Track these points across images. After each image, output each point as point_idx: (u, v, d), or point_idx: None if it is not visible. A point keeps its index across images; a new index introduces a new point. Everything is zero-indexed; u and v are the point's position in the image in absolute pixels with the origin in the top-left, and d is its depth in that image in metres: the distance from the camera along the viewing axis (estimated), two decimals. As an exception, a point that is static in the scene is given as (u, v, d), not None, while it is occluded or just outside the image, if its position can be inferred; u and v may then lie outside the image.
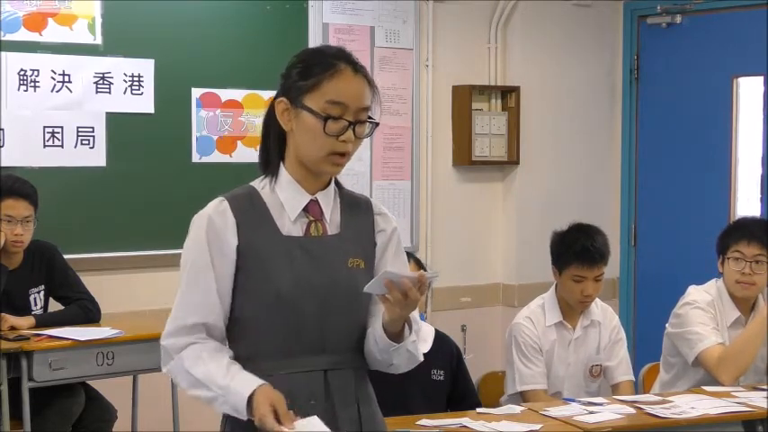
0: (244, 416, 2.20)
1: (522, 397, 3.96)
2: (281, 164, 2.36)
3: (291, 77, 2.32)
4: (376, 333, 2.32)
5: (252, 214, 2.31)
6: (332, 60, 2.30)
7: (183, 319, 2.30)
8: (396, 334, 2.30)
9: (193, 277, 2.30)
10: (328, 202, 2.38)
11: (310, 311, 2.29)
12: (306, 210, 2.34)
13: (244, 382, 2.22)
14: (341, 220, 2.38)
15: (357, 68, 2.32)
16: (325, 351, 2.31)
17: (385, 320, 2.28)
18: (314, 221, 2.34)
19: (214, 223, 2.29)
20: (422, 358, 2.41)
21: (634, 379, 4.19)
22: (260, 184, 2.37)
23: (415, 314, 2.37)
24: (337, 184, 2.43)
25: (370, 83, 2.34)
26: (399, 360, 2.35)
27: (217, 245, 2.29)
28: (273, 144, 2.36)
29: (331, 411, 2.30)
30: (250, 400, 2.18)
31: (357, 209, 2.42)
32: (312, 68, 2.30)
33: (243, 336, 2.32)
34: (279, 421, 2.14)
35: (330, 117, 2.26)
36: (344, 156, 2.30)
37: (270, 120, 2.38)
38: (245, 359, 2.30)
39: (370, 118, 2.33)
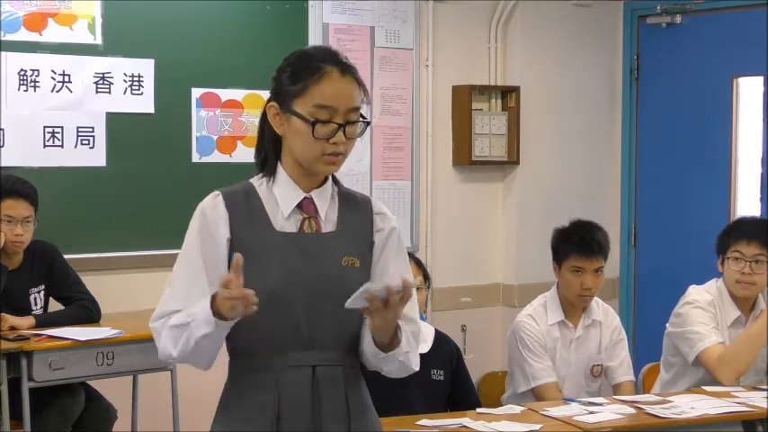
0: (212, 324, 2.19)
1: (533, 393, 3.96)
2: (278, 162, 2.37)
3: (281, 82, 2.34)
4: (367, 339, 2.32)
5: (246, 209, 2.34)
6: (318, 63, 2.30)
7: (168, 305, 2.33)
8: (386, 343, 2.30)
9: (181, 268, 2.35)
10: (324, 200, 2.38)
11: (300, 307, 2.30)
12: (300, 207, 2.35)
13: (201, 305, 2.23)
14: (338, 219, 2.39)
15: (344, 69, 2.32)
16: (313, 347, 2.31)
17: (371, 329, 2.29)
18: (308, 218, 2.35)
19: (206, 216, 2.33)
20: (416, 368, 2.40)
21: (635, 379, 4.20)
22: (258, 182, 2.39)
23: (417, 317, 2.36)
24: (336, 182, 2.43)
25: (359, 82, 2.34)
26: (390, 368, 2.36)
27: (208, 237, 2.32)
28: (269, 144, 2.38)
29: (318, 407, 2.31)
30: (213, 302, 2.19)
31: (355, 207, 2.43)
32: (300, 73, 2.30)
33: (233, 329, 2.30)
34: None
35: (318, 121, 2.27)
36: (338, 155, 2.30)
37: (264, 121, 2.40)
38: (235, 353, 2.33)
39: (362, 117, 2.33)
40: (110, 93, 4.87)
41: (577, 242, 4.03)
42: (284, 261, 2.30)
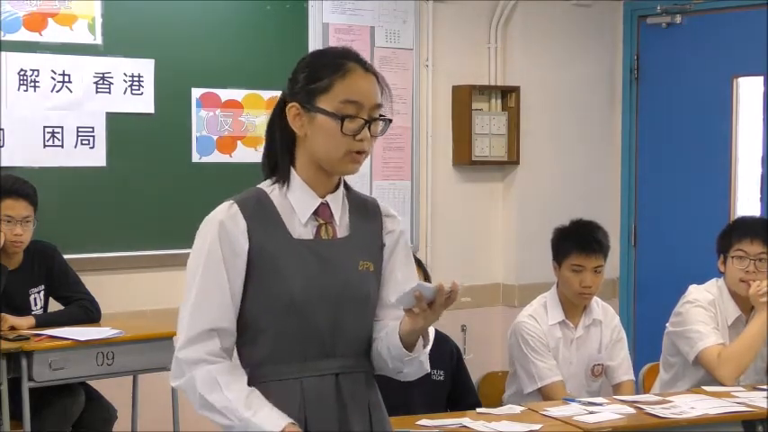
0: None
1: (541, 392, 3.96)
2: (292, 168, 2.34)
3: (299, 82, 2.30)
4: (390, 341, 2.30)
5: (262, 218, 2.29)
6: (340, 60, 2.29)
7: (196, 326, 2.26)
8: (411, 344, 2.29)
9: (207, 280, 2.26)
10: (338, 204, 2.36)
11: (322, 315, 2.28)
12: (316, 213, 2.33)
13: (268, 419, 2.20)
14: (350, 223, 2.37)
15: (367, 67, 2.31)
16: (336, 355, 2.31)
17: (404, 330, 2.26)
18: (324, 224, 2.33)
19: (225, 227, 2.27)
20: (429, 369, 2.41)
21: (635, 379, 4.20)
22: (269, 188, 2.34)
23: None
24: (345, 186, 2.41)
25: (380, 80, 2.33)
26: (410, 369, 2.35)
27: (229, 248, 2.26)
28: (281, 148, 2.34)
29: (344, 415, 2.30)
30: None
31: (365, 211, 2.41)
32: (321, 70, 2.28)
33: (255, 340, 2.30)
34: None
35: (347, 116, 2.25)
36: (362, 154, 2.28)
37: (275, 124, 2.36)
38: (257, 363, 2.29)
39: (382, 115, 2.32)
40: (110, 93, 4.87)
41: (577, 240, 4.03)
42: (304, 269, 2.28)
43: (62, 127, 4.77)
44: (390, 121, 2.34)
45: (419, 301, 2.18)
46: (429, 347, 2.35)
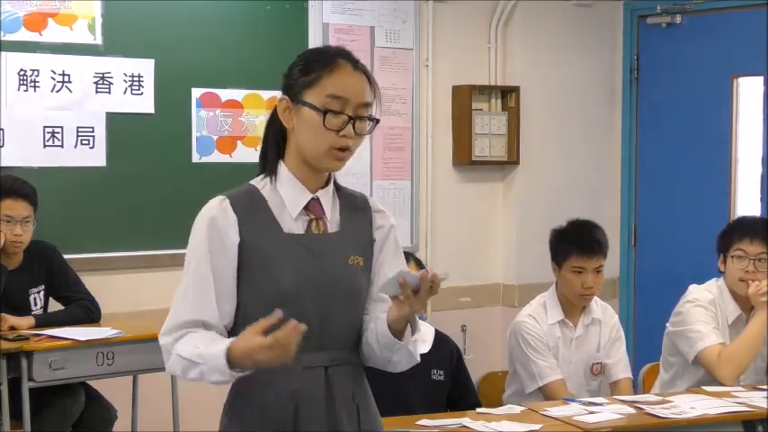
0: (227, 375, 2.19)
1: (542, 391, 3.96)
2: (281, 162, 2.36)
3: (293, 76, 2.34)
4: (379, 330, 2.32)
5: (253, 212, 2.32)
6: (331, 57, 2.32)
7: (179, 316, 2.31)
8: (399, 332, 2.31)
9: (192, 279, 2.30)
10: (328, 200, 2.39)
11: (312, 309, 2.30)
12: (307, 208, 2.35)
13: (219, 343, 2.20)
14: (340, 218, 2.39)
15: (356, 65, 2.34)
16: (326, 348, 2.32)
17: (391, 318, 2.29)
18: (315, 219, 2.35)
19: (216, 222, 2.30)
20: (419, 359, 2.42)
21: (632, 377, 4.20)
22: (260, 183, 2.37)
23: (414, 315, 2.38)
24: (335, 182, 2.43)
25: (370, 80, 2.35)
26: (399, 358, 2.36)
27: (218, 244, 2.29)
28: (272, 143, 2.38)
29: (332, 408, 2.31)
30: (229, 355, 2.17)
31: (355, 207, 2.44)
32: (312, 65, 2.32)
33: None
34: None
35: (330, 111, 2.27)
36: (345, 151, 2.30)
37: (271, 120, 2.40)
38: None
39: (370, 115, 2.33)
40: (110, 93, 4.87)
41: (577, 242, 4.03)
42: (295, 263, 2.30)
43: (62, 127, 4.77)
44: (378, 121, 2.35)
45: (404, 288, 2.21)
46: (416, 337, 2.36)
